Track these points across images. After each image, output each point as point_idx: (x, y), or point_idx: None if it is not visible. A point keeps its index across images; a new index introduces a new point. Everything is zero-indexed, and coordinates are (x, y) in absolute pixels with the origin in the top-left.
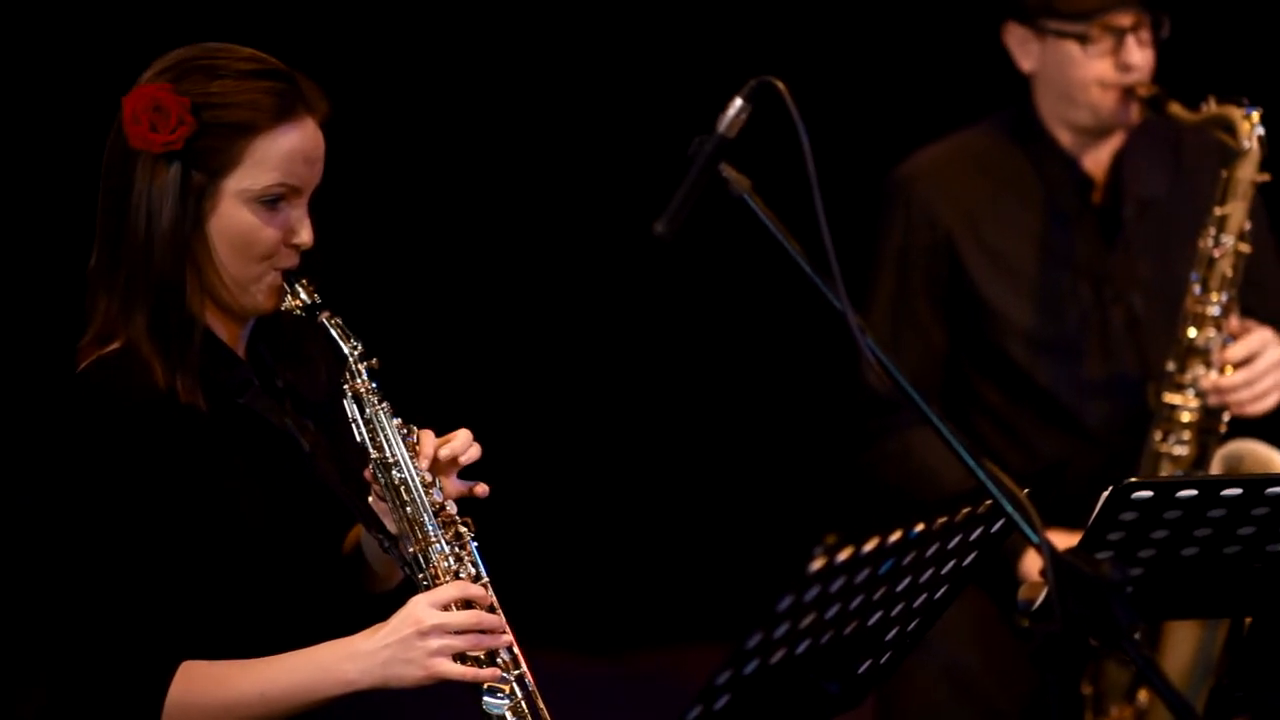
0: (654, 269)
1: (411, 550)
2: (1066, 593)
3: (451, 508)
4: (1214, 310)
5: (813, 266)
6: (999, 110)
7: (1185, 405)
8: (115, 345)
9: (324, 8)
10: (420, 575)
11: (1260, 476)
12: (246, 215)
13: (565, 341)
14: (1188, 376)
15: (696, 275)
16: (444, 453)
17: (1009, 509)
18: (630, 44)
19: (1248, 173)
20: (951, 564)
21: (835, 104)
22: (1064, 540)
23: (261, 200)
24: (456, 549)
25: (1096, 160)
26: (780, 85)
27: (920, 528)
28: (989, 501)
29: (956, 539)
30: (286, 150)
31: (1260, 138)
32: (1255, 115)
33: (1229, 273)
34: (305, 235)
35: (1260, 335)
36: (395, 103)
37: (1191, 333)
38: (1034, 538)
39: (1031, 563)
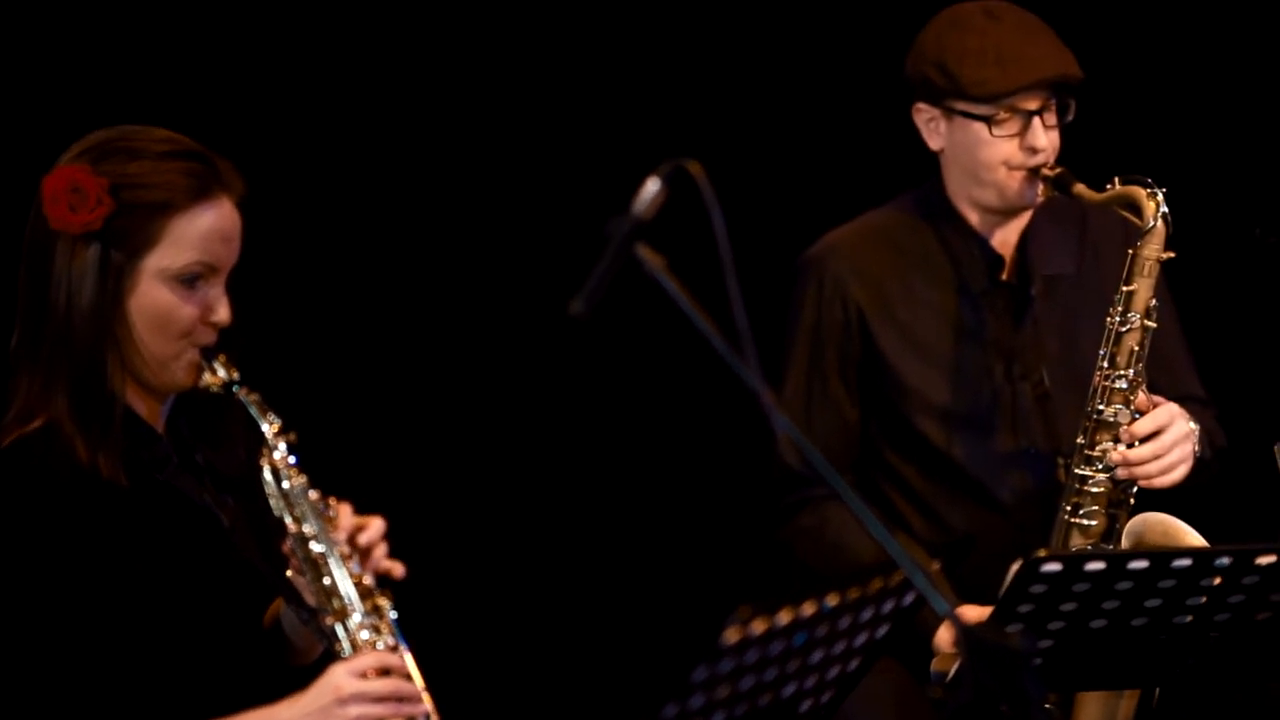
0: (571, 346)
1: (330, 621)
2: (978, 664)
3: (369, 580)
4: (1121, 384)
5: (727, 345)
6: (907, 189)
7: (1094, 478)
8: (36, 424)
9: (242, 88)
10: (338, 646)
11: (1165, 551)
12: (165, 294)
13: (476, 422)
14: (1097, 450)
15: (615, 352)
16: (361, 539)
17: (920, 582)
18: (539, 131)
19: (1153, 250)
20: (864, 636)
21: (757, 182)
22: (975, 613)
23: (180, 279)
24: (375, 620)
25: (1005, 238)
26: (694, 169)
27: (833, 601)
28: (900, 575)
29: (869, 612)
30: (204, 229)
31: (1165, 216)
32: (1159, 195)
33: (1135, 348)
34: (223, 313)
35: (1167, 410)
36: (305, 179)
37: (1100, 407)
38: (945, 610)
39: (945, 635)
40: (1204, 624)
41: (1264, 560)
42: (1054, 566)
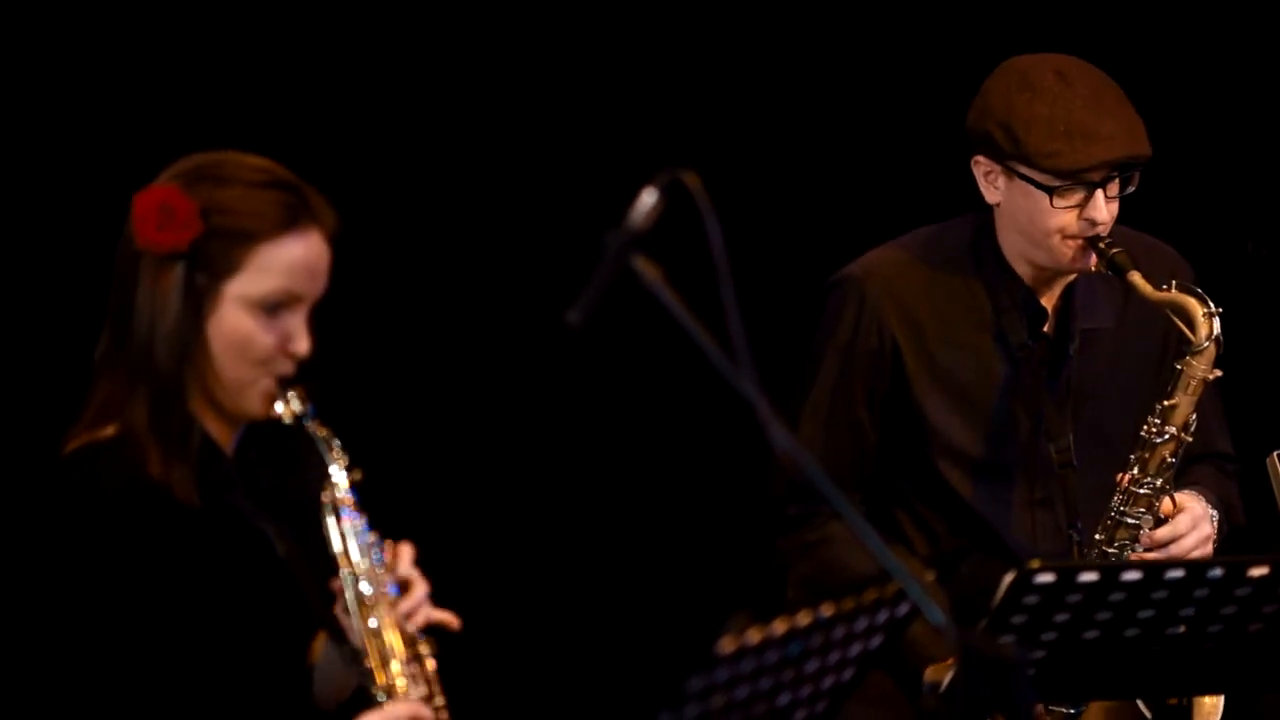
0: (568, 356)
1: (369, 665)
2: (971, 674)
3: (414, 627)
4: (1147, 491)
5: (723, 356)
6: (966, 213)
7: None
8: (109, 431)
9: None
10: (374, 690)
11: (1159, 562)
12: (246, 320)
13: (473, 432)
14: (1114, 547)
15: (611, 363)
16: (403, 607)
17: (914, 592)
18: (534, 144)
19: (1200, 370)
20: (858, 646)
21: (754, 193)
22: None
23: (262, 306)
24: (414, 669)
25: (1051, 293)
26: (690, 180)
27: (828, 610)
28: (895, 586)
29: (863, 622)
30: (289, 259)
31: (1218, 338)
32: (1216, 317)
33: (1168, 458)
34: (303, 344)
35: (1190, 516)
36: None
37: (1123, 509)
38: (939, 620)
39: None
40: (1196, 635)
41: (1256, 572)
42: (1047, 577)
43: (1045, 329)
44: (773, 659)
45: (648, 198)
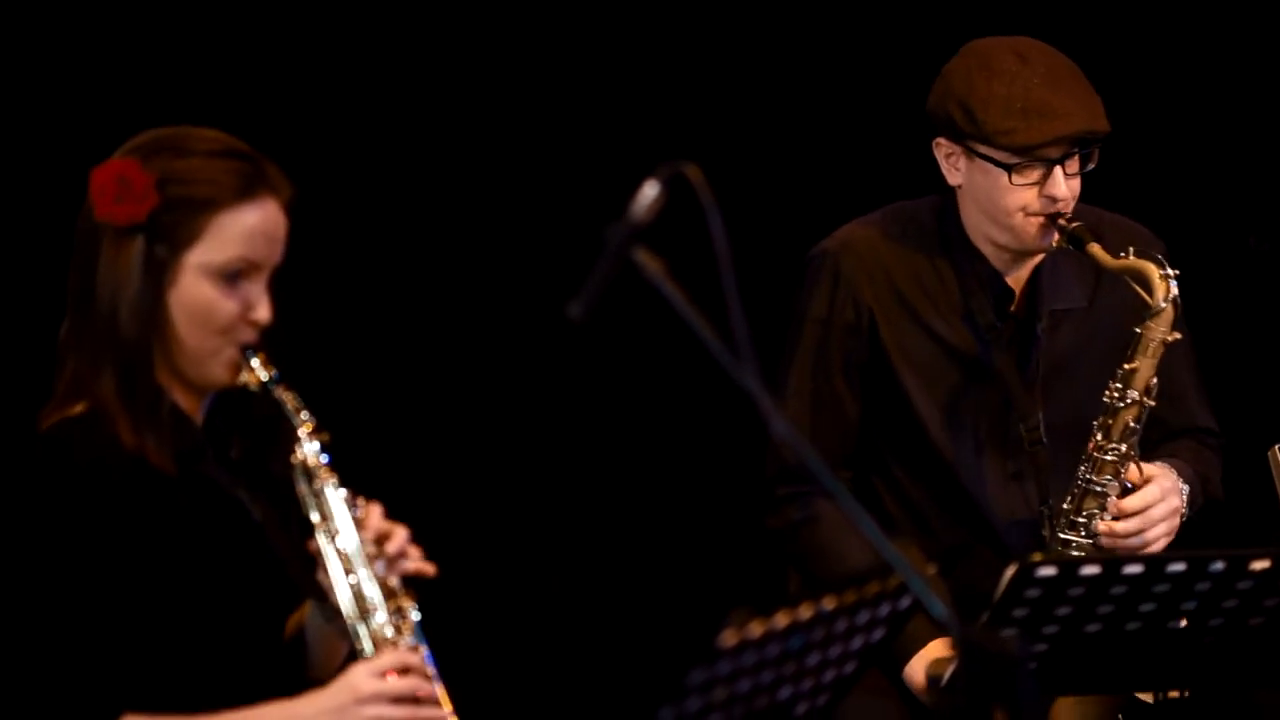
0: (570, 350)
1: (352, 621)
2: (972, 667)
3: (395, 581)
4: (1113, 457)
5: (725, 349)
6: (933, 194)
7: (1078, 543)
8: (80, 408)
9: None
10: (360, 645)
11: (1161, 555)
12: (207, 289)
13: (474, 426)
14: (1082, 515)
15: (613, 357)
16: (389, 548)
17: (916, 586)
18: (537, 137)
19: (1160, 332)
20: (860, 640)
21: (756, 186)
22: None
23: (221, 274)
24: (397, 621)
25: (1018, 274)
26: (692, 173)
27: (830, 604)
28: (897, 579)
29: (865, 615)
30: (248, 226)
31: (1175, 299)
32: (1172, 278)
33: (1131, 423)
34: (264, 311)
35: (1159, 486)
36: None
37: (1090, 476)
38: (941, 613)
39: (917, 666)
40: (1198, 629)
41: (1258, 565)
42: (1049, 570)
43: (1013, 309)
44: (774, 652)
45: (650, 190)
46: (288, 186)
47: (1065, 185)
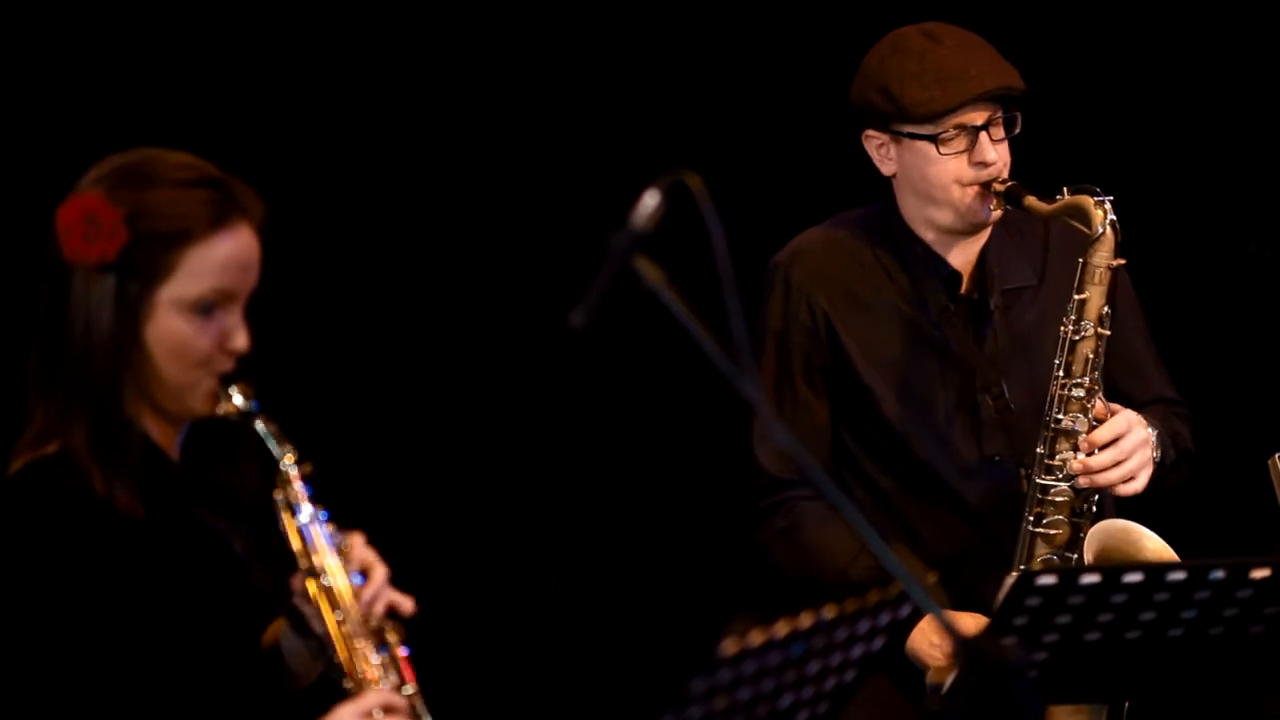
0: (570, 358)
1: (337, 656)
2: (973, 676)
3: (378, 611)
4: (1078, 393)
5: (725, 357)
6: (871, 201)
7: (1056, 487)
8: (51, 449)
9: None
10: (346, 681)
11: (1161, 564)
12: (181, 324)
13: (475, 433)
14: (1057, 459)
15: (613, 365)
16: (365, 595)
17: (916, 593)
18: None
19: (1103, 258)
20: (860, 648)
21: (756, 195)
22: (973, 623)
23: (196, 308)
24: (384, 656)
25: (965, 256)
26: (693, 182)
27: (830, 613)
28: (897, 587)
29: (865, 624)
30: (221, 258)
31: (1113, 223)
32: (1107, 203)
33: (1090, 356)
34: (241, 340)
35: (1124, 417)
36: (302, 192)
37: (1058, 415)
38: (944, 622)
39: (917, 638)
40: (1197, 638)
41: (1258, 574)
42: (1049, 580)
43: (963, 292)
44: (775, 660)
45: (650, 199)
46: (259, 206)
47: (993, 149)
